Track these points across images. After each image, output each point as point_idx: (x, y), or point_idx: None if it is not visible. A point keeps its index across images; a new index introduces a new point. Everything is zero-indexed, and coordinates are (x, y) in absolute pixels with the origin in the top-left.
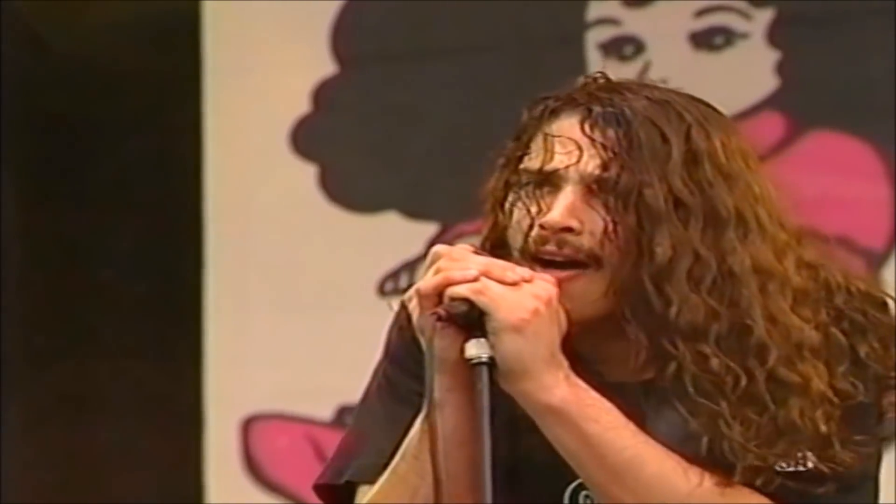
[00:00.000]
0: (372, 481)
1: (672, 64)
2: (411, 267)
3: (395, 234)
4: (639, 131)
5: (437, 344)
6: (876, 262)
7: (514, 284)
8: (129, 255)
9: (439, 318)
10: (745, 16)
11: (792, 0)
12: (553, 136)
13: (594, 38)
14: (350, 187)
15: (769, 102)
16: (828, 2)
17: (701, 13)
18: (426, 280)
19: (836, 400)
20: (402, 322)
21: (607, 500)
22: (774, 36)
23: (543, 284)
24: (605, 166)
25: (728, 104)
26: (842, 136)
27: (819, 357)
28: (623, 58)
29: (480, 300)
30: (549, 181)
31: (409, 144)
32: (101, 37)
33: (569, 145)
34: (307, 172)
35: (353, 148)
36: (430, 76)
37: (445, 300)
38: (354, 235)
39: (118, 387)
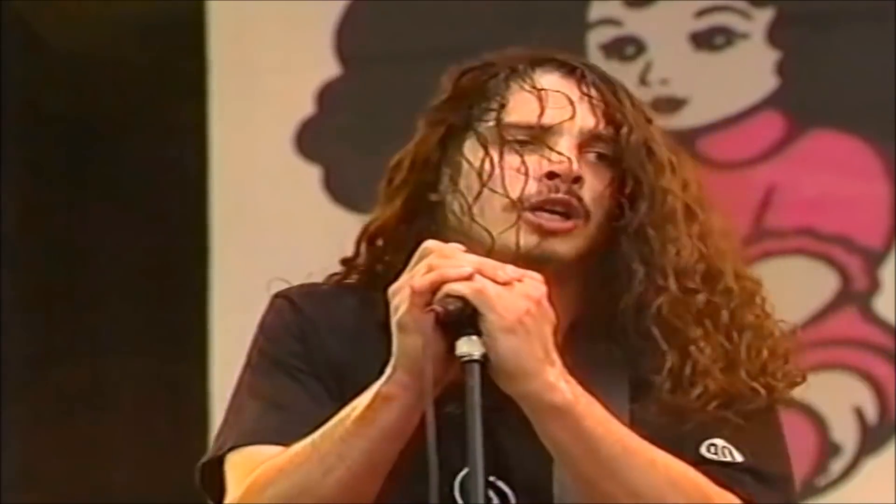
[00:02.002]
0: (252, 442)
1: (673, 64)
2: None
3: None
4: (623, 93)
5: (415, 341)
6: (875, 260)
7: (506, 284)
8: (133, 255)
9: (437, 318)
10: (746, 16)
11: (792, 0)
12: (546, 91)
13: (595, 38)
14: (354, 188)
15: (769, 102)
16: (827, 2)
17: (701, 13)
18: (420, 277)
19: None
20: (283, 308)
21: (597, 496)
22: (774, 36)
23: (533, 283)
24: (601, 123)
25: (728, 104)
26: (841, 136)
27: (767, 307)
28: (624, 58)
29: (478, 299)
30: (542, 135)
31: None
32: (106, 37)
33: (562, 100)
34: (311, 174)
35: (357, 149)
36: (433, 77)
37: (438, 297)
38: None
39: (124, 386)
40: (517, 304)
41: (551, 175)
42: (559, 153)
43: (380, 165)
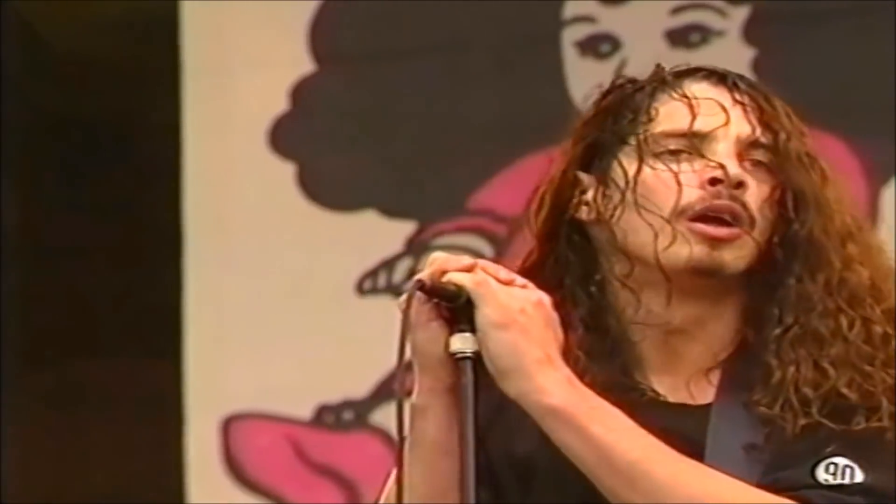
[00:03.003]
0: None
1: (648, 61)
2: (390, 265)
3: (374, 233)
4: (774, 101)
5: (420, 336)
6: None
7: (505, 283)
8: (109, 254)
9: (422, 287)
10: (721, 13)
11: None
12: (697, 99)
13: (570, 35)
14: (328, 186)
15: None
16: (803, 0)
17: (677, 11)
18: (424, 272)
19: None
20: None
21: None
22: (750, 33)
23: (536, 291)
24: (757, 130)
25: None
26: (817, 134)
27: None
28: (599, 55)
29: (475, 291)
30: (696, 143)
31: (388, 143)
32: (83, 34)
33: (714, 107)
34: (286, 171)
35: (331, 146)
36: (407, 75)
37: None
38: (333, 234)
39: (99, 387)
40: (513, 301)
41: (713, 181)
42: (716, 160)
43: (354, 163)
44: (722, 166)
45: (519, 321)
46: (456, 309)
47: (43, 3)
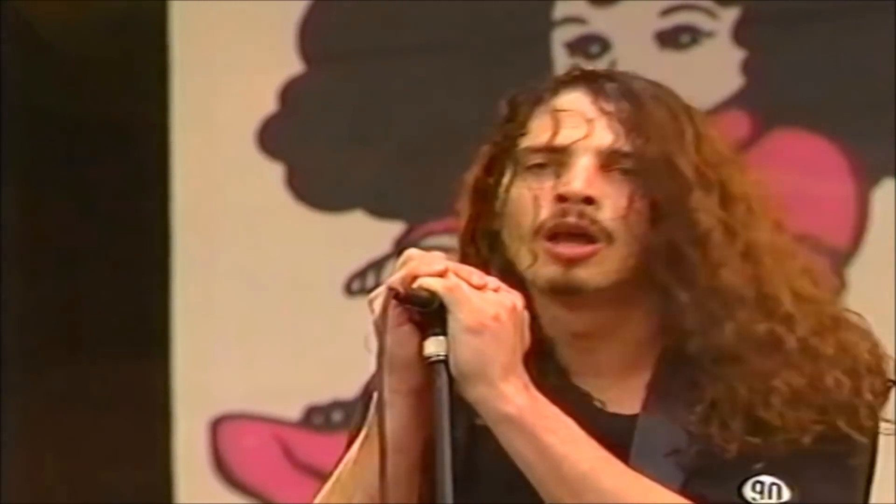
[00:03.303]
0: None
1: (638, 62)
2: (378, 266)
3: (362, 233)
4: (649, 106)
5: (389, 339)
6: (841, 260)
7: (479, 288)
8: (97, 253)
9: (396, 296)
10: (711, 14)
11: None
12: (561, 111)
13: (560, 36)
14: (316, 186)
15: (734, 101)
16: (793, 1)
17: (667, 12)
18: (394, 276)
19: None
20: None
21: None
22: (740, 35)
23: (510, 294)
24: (620, 139)
25: (693, 102)
26: (806, 135)
27: (851, 329)
28: (589, 56)
29: (447, 296)
30: (558, 157)
31: (376, 143)
32: (70, 33)
33: (577, 119)
34: (274, 171)
35: (319, 147)
36: (396, 75)
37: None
38: (321, 234)
39: (86, 387)
40: (486, 307)
41: (560, 198)
42: (573, 174)
43: (342, 164)
44: (569, 182)
45: (491, 327)
46: (428, 313)
47: (43, 3)
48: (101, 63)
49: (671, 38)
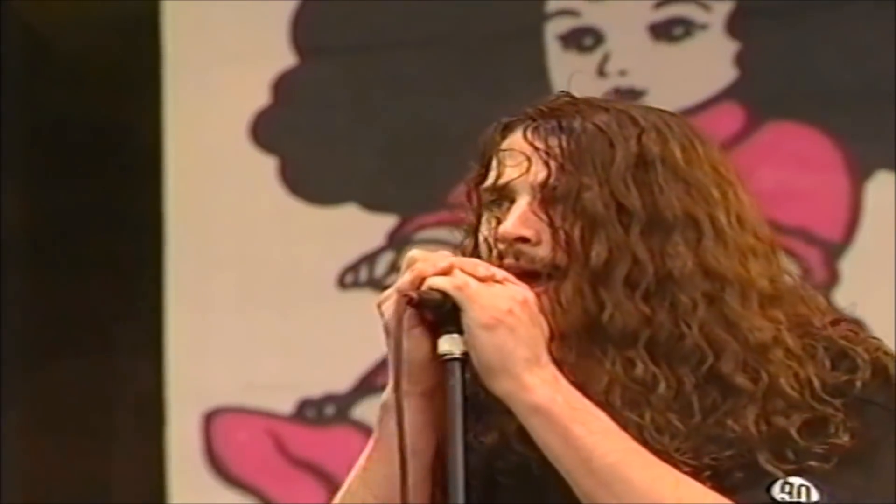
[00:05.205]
0: None
1: (631, 55)
2: (371, 259)
3: (355, 227)
4: (581, 137)
5: (404, 344)
6: (834, 252)
7: (485, 280)
8: (90, 249)
9: (410, 302)
10: (705, 7)
11: None
12: (503, 151)
13: (553, 29)
14: (309, 180)
15: (728, 93)
16: None
17: (660, 4)
18: (402, 279)
19: (813, 401)
20: None
21: None
22: (733, 27)
23: (519, 287)
24: (550, 174)
25: (687, 95)
26: (800, 127)
27: (795, 358)
28: (582, 49)
29: (458, 294)
30: (505, 196)
31: (369, 137)
32: (65, 31)
33: (518, 157)
34: (267, 165)
35: (312, 140)
36: (389, 68)
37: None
38: (314, 228)
39: (78, 383)
40: (499, 301)
41: (496, 241)
42: (512, 213)
43: (335, 157)
44: (500, 224)
45: (506, 322)
46: (441, 313)
47: (43, 3)
48: (97, 60)
49: (665, 31)
